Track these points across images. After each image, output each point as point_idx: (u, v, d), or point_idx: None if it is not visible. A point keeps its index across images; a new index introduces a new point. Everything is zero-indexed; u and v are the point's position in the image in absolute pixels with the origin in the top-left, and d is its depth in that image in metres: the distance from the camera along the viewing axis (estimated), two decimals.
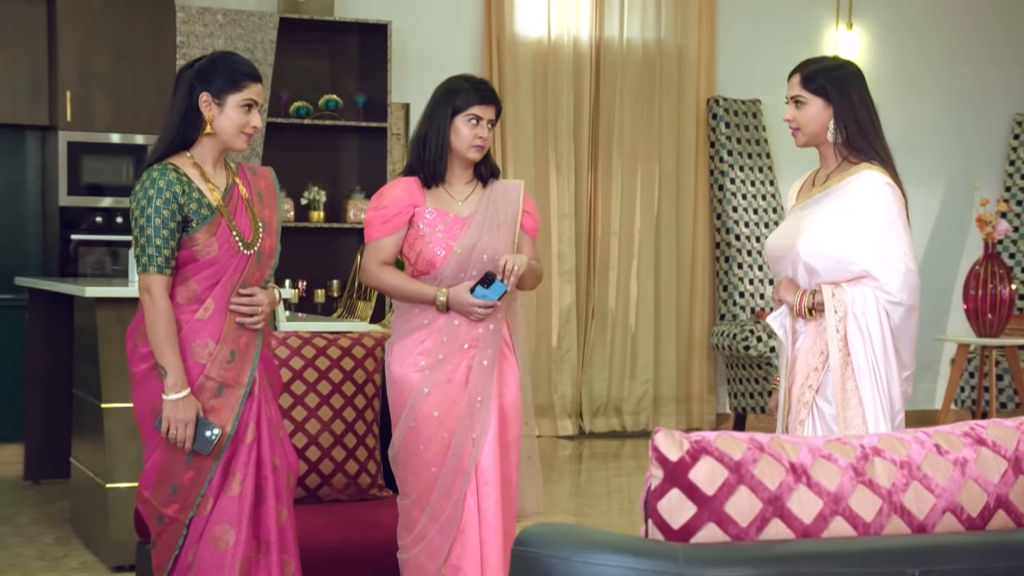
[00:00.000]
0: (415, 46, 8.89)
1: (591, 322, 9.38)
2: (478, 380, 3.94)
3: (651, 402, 9.53)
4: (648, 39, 9.54)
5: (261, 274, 3.68)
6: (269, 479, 3.64)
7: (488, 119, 4.01)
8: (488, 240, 3.98)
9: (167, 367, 3.51)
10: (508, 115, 9.08)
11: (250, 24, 8.13)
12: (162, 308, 3.52)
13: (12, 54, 7.92)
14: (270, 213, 3.73)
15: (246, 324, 3.63)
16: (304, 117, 8.51)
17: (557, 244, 9.23)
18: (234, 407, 3.60)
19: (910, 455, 2.10)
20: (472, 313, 3.91)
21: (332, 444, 4.49)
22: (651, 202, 9.51)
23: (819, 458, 2.05)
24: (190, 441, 3.53)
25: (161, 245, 3.51)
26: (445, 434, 3.91)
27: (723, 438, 2.01)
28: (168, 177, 3.53)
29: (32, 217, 8.28)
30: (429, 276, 3.97)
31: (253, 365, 3.64)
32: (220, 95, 3.58)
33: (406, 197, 4.00)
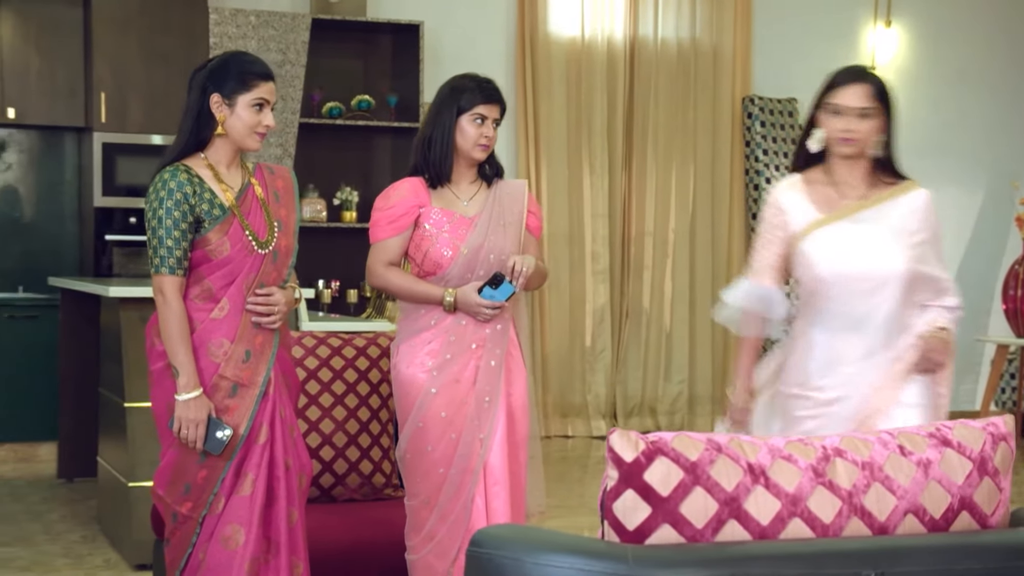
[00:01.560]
0: (448, 46, 8.91)
1: (625, 322, 9.37)
2: (486, 380, 3.95)
3: (686, 402, 9.51)
4: (683, 38, 9.51)
5: (278, 273, 3.69)
6: (281, 480, 3.66)
7: (493, 118, 4.01)
8: (495, 240, 3.99)
9: (179, 367, 3.54)
10: (541, 115, 9.09)
11: (283, 25, 8.19)
12: (174, 308, 3.55)
13: (49, 56, 8.04)
14: (287, 213, 3.75)
15: (262, 324, 3.64)
16: (336, 117, 8.56)
17: (591, 244, 9.23)
18: (248, 407, 3.62)
19: (872, 456, 2.09)
20: (480, 314, 3.92)
21: (346, 444, 4.51)
22: (686, 201, 9.48)
23: (779, 459, 2.05)
24: (201, 441, 3.55)
25: (173, 246, 3.54)
26: (453, 434, 3.92)
27: (680, 438, 2.02)
28: (179, 178, 3.56)
29: (69, 217, 8.39)
30: (436, 276, 3.98)
31: (269, 365, 3.66)
32: (231, 95, 3.61)
33: (411, 197, 4.01)
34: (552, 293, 9.12)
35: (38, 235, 8.37)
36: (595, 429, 9.25)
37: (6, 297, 8.00)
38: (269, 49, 8.13)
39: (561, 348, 9.15)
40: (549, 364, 9.12)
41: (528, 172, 9.05)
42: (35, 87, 8.04)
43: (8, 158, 8.34)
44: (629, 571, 1.88)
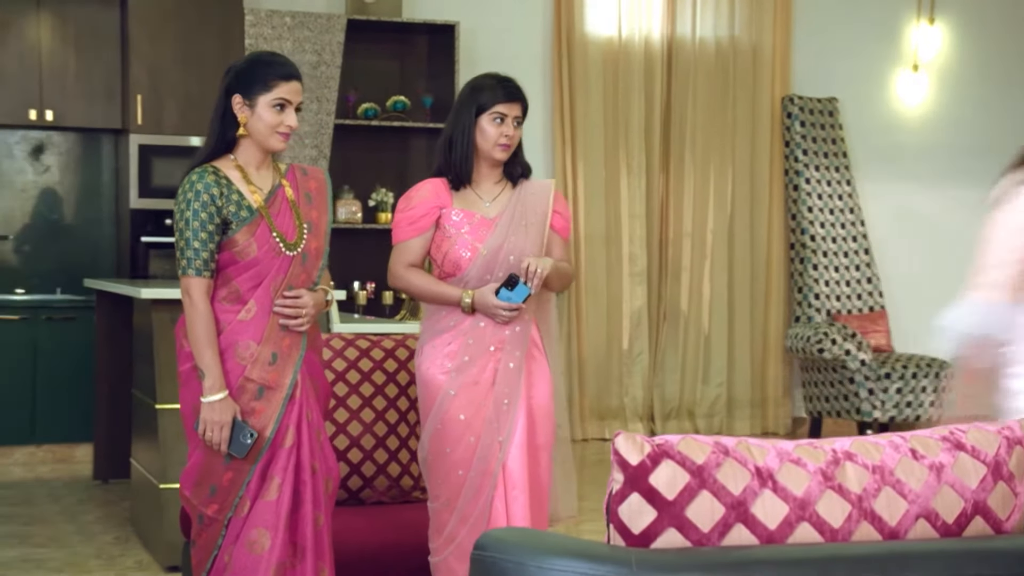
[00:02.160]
0: (483, 46, 8.92)
1: (663, 324, 9.35)
2: (505, 382, 3.94)
3: (724, 405, 9.47)
4: (721, 37, 9.48)
5: (308, 275, 3.70)
6: (308, 484, 3.66)
7: (514, 116, 4.00)
8: (515, 241, 3.98)
9: (205, 369, 3.56)
10: (578, 115, 9.09)
11: (318, 26, 8.23)
12: (201, 310, 3.57)
13: (87, 59, 8.12)
14: (318, 215, 3.76)
15: (290, 326, 3.65)
16: (372, 119, 8.59)
17: (628, 245, 9.21)
18: (275, 410, 3.62)
19: (883, 460, 2.08)
20: (497, 315, 3.91)
21: (374, 446, 4.51)
22: (724, 202, 9.45)
23: (787, 463, 2.03)
24: (225, 444, 3.56)
25: (199, 248, 3.56)
26: (472, 437, 3.91)
27: (687, 442, 2.01)
28: (206, 180, 3.58)
29: (106, 220, 8.47)
30: (455, 278, 3.98)
31: (296, 368, 3.66)
32: (251, 96, 3.62)
33: (433, 198, 4.01)
34: (589, 295, 9.11)
35: (75, 237, 8.45)
36: (631, 431, 9.21)
37: (44, 299, 8.08)
38: (304, 50, 8.17)
39: (598, 351, 9.13)
40: (586, 367, 9.11)
41: (564, 173, 9.05)
42: (73, 89, 8.12)
43: (46, 160, 8.42)
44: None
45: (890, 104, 10.05)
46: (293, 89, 3.66)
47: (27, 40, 8.03)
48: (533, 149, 8.99)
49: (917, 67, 10.03)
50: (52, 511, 6.66)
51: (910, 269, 9.90)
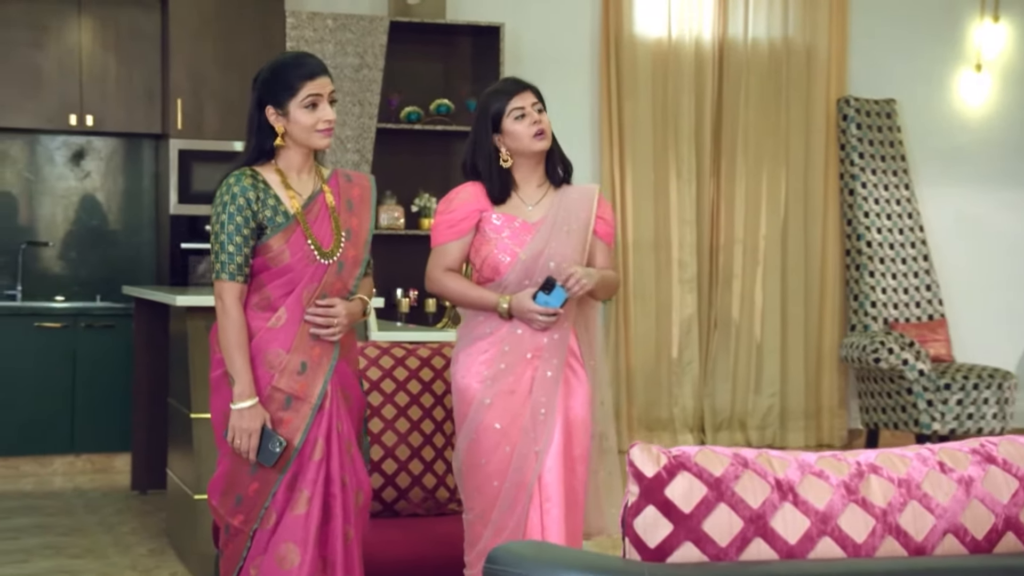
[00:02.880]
0: (529, 48, 8.93)
1: (714, 332, 9.32)
2: (542, 391, 3.92)
3: (777, 416, 9.42)
4: (775, 37, 9.44)
5: (343, 284, 3.71)
6: (337, 497, 3.67)
7: (531, 103, 3.97)
8: (556, 247, 3.97)
9: (235, 375, 3.58)
10: (626, 118, 9.08)
11: (360, 28, 8.27)
12: (232, 316, 3.59)
13: (128, 63, 8.21)
14: (358, 222, 3.77)
15: (321, 335, 3.66)
16: (415, 122, 8.62)
17: (678, 251, 9.19)
18: (303, 420, 3.63)
19: (910, 473, 2.06)
20: (534, 321, 3.89)
21: (409, 457, 4.52)
22: (777, 207, 9.40)
23: (809, 475, 2.02)
24: (254, 452, 3.58)
25: (234, 252, 3.59)
26: (507, 447, 3.90)
27: (704, 453, 2.00)
28: (243, 183, 3.61)
29: (146, 226, 8.55)
30: (493, 283, 3.97)
31: (326, 378, 3.67)
32: (281, 104, 3.64)
33: (473, 202, 4.01)
34: (637, 302, 9.09)
35: (115, 244, 8.54)
36: (682, 443, 9.18)
37: (83, 306, 8.16)
38: (346, 52, 8.21)
39: (647, 359, 9.11)
40: (634, 376, 9.09)
41: (612, 177, 9.04)
42: (113, 94, 8.21)
43: (86, 166, 8.52)
44: None
45: (951, 105, 9.96)
46: (320, 84, 3.66)
47: (67, 44, 8.13)
48: (580, 153, 9.03)
49: (980, 67, 9.94)
50: (89, 522, 6.72)
51: (971, 276, 9.81)
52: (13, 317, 7.88)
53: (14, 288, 8.32)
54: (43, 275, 8.43)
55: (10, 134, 8.33)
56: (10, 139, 8.36)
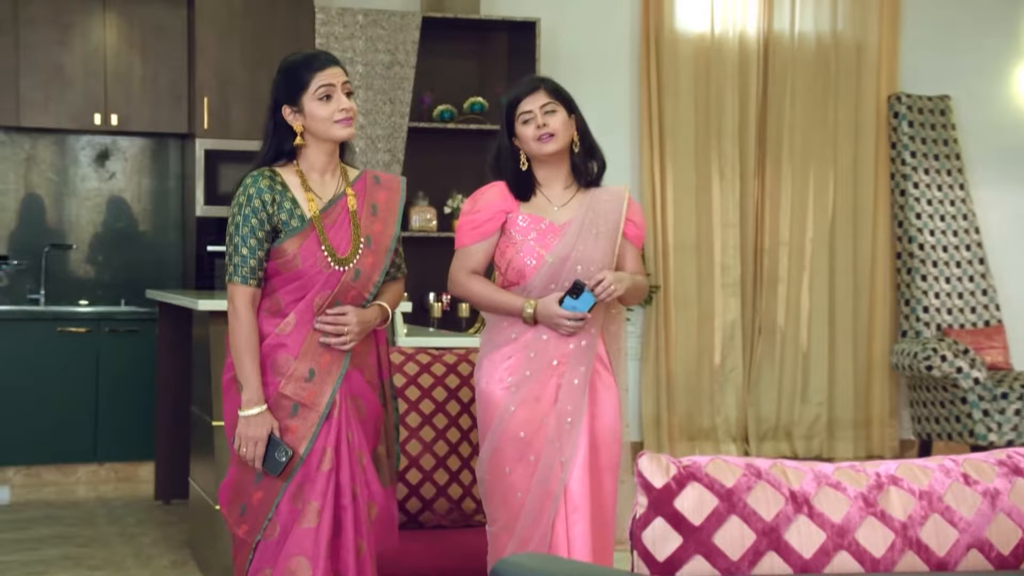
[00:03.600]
0: (566, 44, 8.93)
1: (758, 338, 9.28)
2: (568, 399, 3.92)
3: (825, 426, 9.37)
4: (823, 31, 9.40)
5: (358, 292, 3.71)
6: (348, 509, 3.67)
7: (540, 106, 3.97)
8: (584, 250, 3.96)
9: (244, 381, 3.60)
10: (667, 116, 9.05)
11: (392, 24, 8.29)
12: (243, 320, 3.62)
13: (153, 61, 8.27)
14: (381, 228, 3.77)
15: (332, 344, 3.67)
16: (448, 121, 8.63)
17: (721, 255, 9.16)
18: (309, 429, 3.64)
19: (931, 485, 2.04)
20: (561, 326, 3.89)
21: (434, 466, 4.53)
22: (825, 209, 9.36)
23: (825, 486, 2.01)
24: (259, 461, 3.60)
25: (247, 255, 3.61)
26: (532, 456, 3.90)
27: (716, 463, 1.99)
28: (259, 184, 3.63)
29: (171, 228, 8.61)
30: (519, 287, 3.98)
31: (334, 387, 3.68)
32: (295, 101, 3.67)
33: (499, 202, 4.02)
34: (678, 308, 9.07)
35: (141, 246, 8.61)
36: (725, 454, 9.16)
37: (107, 311, 8.22)
38: (377, 50, 8.23)
39: (688, 367, 9.09)
40: (675, 384, 9.06)
41: (652, 178, 9.02)
42: (138, 93, 8.27)
43: (111, 166, 8.58)
44: None
45: (1009, 102, 9.88)
46: (331, 74, 3.69)
47: (92, 42, 8.20)
48: (619, 153, 9.02)
49: None
50: (110, 533, 6.77)
51: None
52: (36, 322, 7.95)
53: (37, 292, 8.39)
54: (67, 279, 8.50)
55: (34, 134, 8.41)
56: (34, 139, 8.43)
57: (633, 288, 4.01)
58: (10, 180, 8.40)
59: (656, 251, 9.02)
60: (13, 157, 8.40)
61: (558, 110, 3.99)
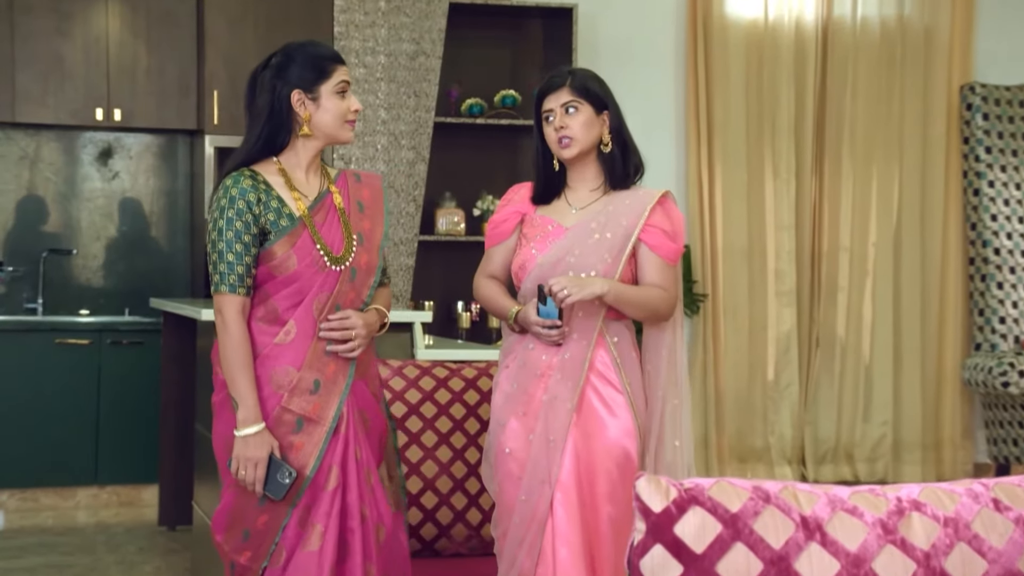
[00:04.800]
0: (606, 32, 8.94)
1: (815, 352, 9.27)
2: (552, 415, 3.89)
3: (890, 448, 9.35)
4: (888, 17, 9.38)
5: (357, 294, 3.75)
6: (356, 532, 3.68)
7: (561, 104, 3.95)
8: (580, 254, 3.94)
9: (239, 399, 3.62)
10: (716, 111, 9.06)
11: (416, 11, 8.31)
12: (234, 332, 3.64)
13: (159, 52, 8.35)
14: (371, 225, 3.82)
15: (338, 352, 3.70)
16: (477, 116, 8.66)
17: (775, 260, 9.16)
18: (316, 445, 3.66)
19: (958, 511, 2.04)
20: (539, 336, 3.90)
21: (451, 490, 4.53)
22: (889, 210, 9.34)
23: (840, 512, 2.01)
24: (260, 484, 3.61)
25: (234, 261, 3.63)
26: (519, 474, 3.90)
27: (720, 486, 2.00)
28: (241, 185, 3.66)
29: (179, 231, 8.68)
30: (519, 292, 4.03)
31: (341, 399, 3.70)
32: (312, 88, 3.70)
33: (517, 204, 4.08)
34: (728, 318, 9.07)
35: (146, 251, 8.69)
36: (779, 477, 9.14)
37: (109, 321, 8.30)
38: (401, 39, 8.26)
39: (739, 382, 9.08)
40: (724, 401, 9.06)
41: (700, 178, 9.03)
42: (143, 87, 8.35)
43: (115, 165, 8.66)
44: None
45: None
46: (347, 71, 3.78)
47: (94, 32, 8.28)
48: (664, 151, 9.03)
49: None
50: (109, 562, 6.82)
51: None
52: (33, 333, 8.03)
53: (35, 300, 8.48)
54: (66, 286, 8.59)
55: (31, 130, 8.50)
56: (30, 136, 8.52)
57: (636, 300, 3.92)
58: (6, 180, 8.49)
59: (704, 257, 9.02)
60: (9, 156, 8.49)
61: (581, 108, 3.97)
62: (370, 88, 8.08)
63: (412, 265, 8.12)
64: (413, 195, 8.14)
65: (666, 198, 4.03)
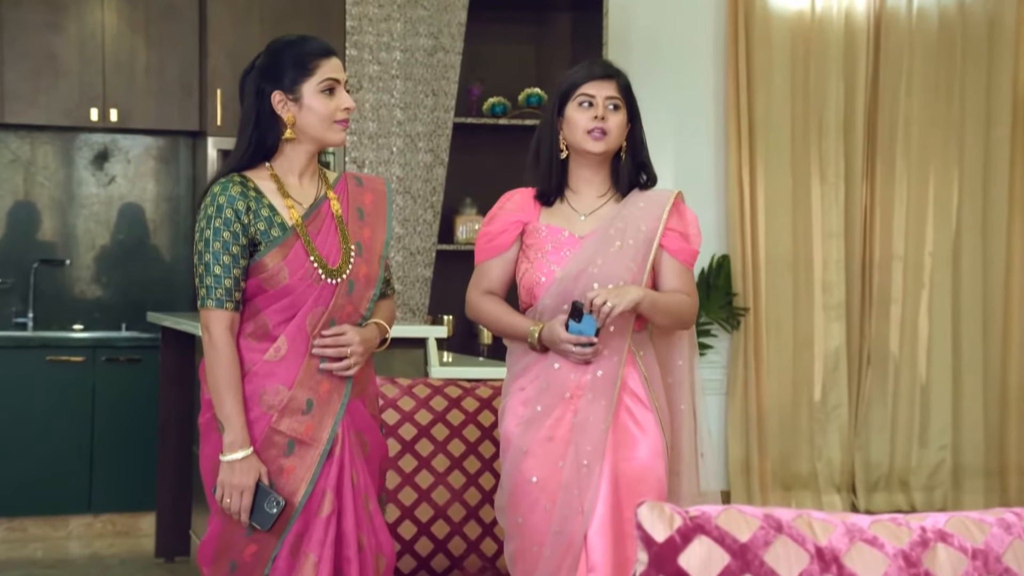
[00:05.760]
0: (639, 26, 8.95)
1: (866, 370, 9.26)
2: (584, 438, 3.92)
3: (949, 474, 9.32)
4: (947, 6, 9.36)
5: (354, 308, 3.76)
6: (353, 562, 3.69)
7: (606, 97, 4.00)
8: (603, 264, 3.97)
9: (224, 421, 3.64)
10: (758, 109, 9.05)
11: (434, 3, 8.33)
12: (221, 350, 3.65)
13: (159, 48, 8.36)
14: (371, 234, 3.83)
15: (334, 370, 3.71)
16: (500, 116, 8.68)
17: (822, 271, 9.15)
18: (308, 469, 3.68)
19: (988, 542, 2.04)
20: (569, 353, 3.90)
21: (464, 518, 4.55)
22: (948, 216, 9.33)
23: (859, 542, 2.01)
24: (246, 513, 3.63)
25: (221, 274, 3.65)
26: (546, 504, 3.92)
27: (729, 513, 2.00)
28: (230, 192, 3.68)
29: (181, 240, 8.71)
30: (531, 308, 4.02)
31: (336, 419, 3.72)
32: (293, 88, 3.71)
33: (517, 211, 4.08)
34: (771, 332, 9.06)
35: (145, 261, 8.71)
36: (827, 506, 9.12)
37: (106, 336, 8.33)
38: (418, 33, 8.28)
39: (783, 402, 9.07)
40: (767, 422, 9.05)
41: (740, 181, 9.02)
42: (142, 84, 8.37)
43: (111, 169, 8.70)
44: None
45: None
46: (337, 66, 3.76)
47: (88, 26, 8.31)
48: (702, 153, 9.03)
49: None
50: None
51: None
52: (23, 349, 8.05)
53: (25, 315, 8.52)
54: (59, 299, 8.62)
55: (21, 132, 8.54)
56: (20, 138, 8.57)
57: (665, 308, 3.98)
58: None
59: (745, 267, 9.01)
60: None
61: (621, 109, 4.02)
62: (385, 86, 8.10)
63: (430, 276, 8.13)
64: (431, 201, 8.15)
65: (679, 198, 4.10)
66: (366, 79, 8.08)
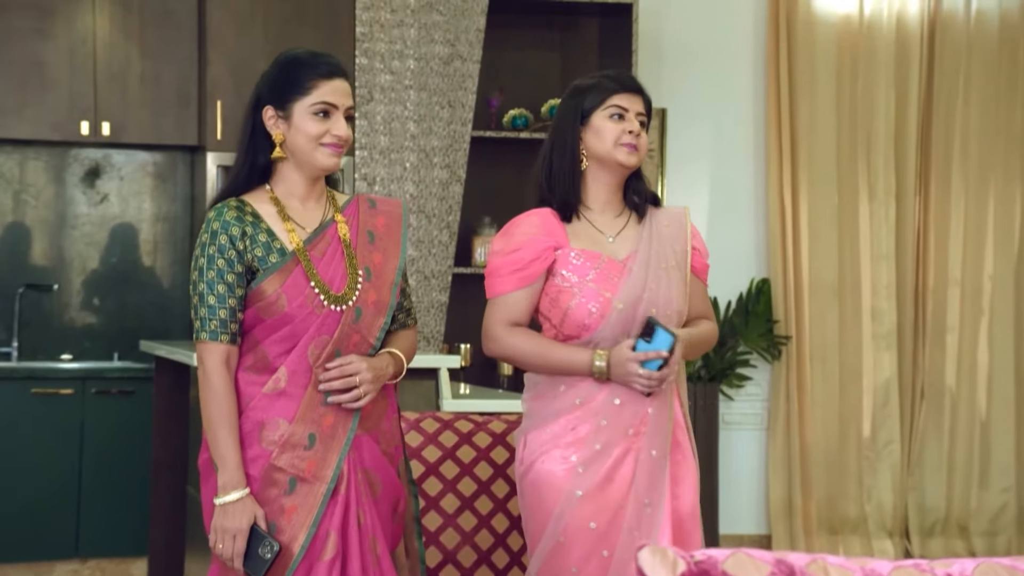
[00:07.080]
0: (671, 32, 8.96)
1: (920, 404, 9.25)
2: (648, 478, 3.94)
3: (1013, 519, 9.30)
4: (1008, 9, 9.36)
5: (362, 337, 3.76)
6: None
7: (637, 112, 4.05)
8: (655, 289, 4.00)
9: (219, 460, 3.65)
10: (801, 122, 9.05)
11: (451, 9, 8.34)
12: (215, 385, 3.67)
13: (155, 56, 8.39)
14: (382, 258, 3.84)
15: (341, 403, 3.72)
16: (521, 129, 8.69)
17: (871, 297, 9.14)
18: (312, 509, 3.68)
19: None
20: (635, 380, 3.89)
21: (476, 562, 4.55)
22: (1009, 237, 9.32)
23: None
24: (240, 559, 3.63)
25: (215, 304, 3.67)
26: (605, 551, 3.91)
27: (737, 558, 2.00)
28: (225, 217, 3.70)
29: (178, 263, 8.74)
30: (580, 341, 4.00)
31: (341, 455, 3.71)
32: (284, 105, 3.73)
33: (543, 237, 4.05)
34: (816, 364, 9.06)
35: (139, 286, 8.74)
36: (878, 552, 9.09)
37: (96, 367, 8.35)
38: (433, 40, 8.29)
39: (829, 439, 9.06)
40: (811, 460, 9.04)
41: (781, 199, 9.03)
42: (136, 96, 8.40)
43: (103, 187, 8.73)
44: None
45: None
46: (338, 89, 3.75)
47: (79, 33, 8.35)
48: (741, 170, 9.04)
49: None
50: None
51: None
52: (6, 381, 8.08)
53: (9, 344, 8.55)
54: (46, 327, 8.65)
55: (7, 147, 8.59)
56: (5, 153, 8.61)
57: (699, 344, 4.09)
58: None
59: (787, 293, 9.00)
60: None
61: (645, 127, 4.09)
62: (397, 97, 8.11)
63: (446, 302, 8.13)
64: (447, 221, 8.16)
65: (688, 214, 4.20)
66: (377, 89, 8.09)
